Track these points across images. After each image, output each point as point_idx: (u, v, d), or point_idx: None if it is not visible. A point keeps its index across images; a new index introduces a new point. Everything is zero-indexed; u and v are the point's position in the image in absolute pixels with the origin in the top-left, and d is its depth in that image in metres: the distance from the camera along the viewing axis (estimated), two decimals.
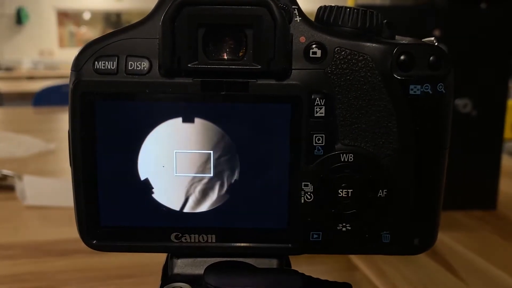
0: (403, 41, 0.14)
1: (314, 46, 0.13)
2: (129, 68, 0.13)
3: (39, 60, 5.91)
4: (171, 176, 0.14)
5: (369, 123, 0.13)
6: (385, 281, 0.33)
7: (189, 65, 0.13)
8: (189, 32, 0.13)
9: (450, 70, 0.14)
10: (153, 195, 0.15)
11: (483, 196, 0.46)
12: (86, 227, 0.16)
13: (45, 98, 1.48)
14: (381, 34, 0.14)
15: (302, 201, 0.14)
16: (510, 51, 0.44)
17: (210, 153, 0.14)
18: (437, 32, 0.42)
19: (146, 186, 0.15)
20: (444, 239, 0.39)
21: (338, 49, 0.13)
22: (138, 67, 0.13)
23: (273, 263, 0.15)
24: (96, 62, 0.13)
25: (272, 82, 0.13)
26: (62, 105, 1.32)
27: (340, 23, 0.14)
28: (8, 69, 5.09)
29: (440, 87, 0.13)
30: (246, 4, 0.13)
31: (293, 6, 0.14)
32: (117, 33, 0.14)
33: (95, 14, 6.82)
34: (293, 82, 0.13)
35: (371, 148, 0.13)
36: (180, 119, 0.14)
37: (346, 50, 0.13)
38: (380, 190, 0.14)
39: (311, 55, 0.13)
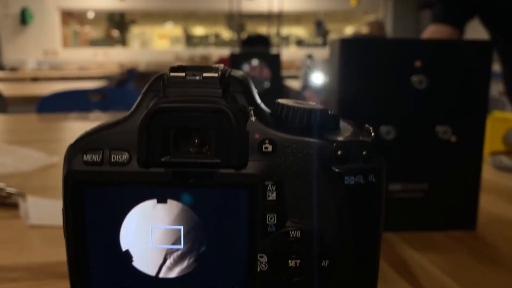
0: (341, 137, 0.16)
1: (266, 141, 0.16)
2: (112, 160, 0.16)
3: (44, 60, 5.96)
4: (147, 247, 0.17)
5: (313, 205, 0.16)
6: None
7: (162, 159, 0.16)
8: (161, 133, 0.16)
9: (381, 162, 0.17)
10: (133, 263, 0.17)
11: (462, 217, 0.48)
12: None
13: (49, 105, 1.51)
14: (326, 126, 0.16)
15: (258, 269, 0.16)
16: (489, 79, 0.46)
17: (181, 228, 0.16)
18: (418, 63, 0.44)
19: (127, 256, 0.17)
20: (421, 261, 0.41)
21: (286, 144, 0.16)
22: (120, 159, 0.16)
23: None
24: (84, 155, 0.16)
25: (231, 172, 0.16)
26: (65, 112, 1.35)
27: (289, 119, 0.16)
28: (13, 69, 5.15)
29: (371, 177, 0.16)
30: (208, 112, 0.15)
31: (250, 107, 0.16)
32: (102, 129, 0.17)
33: (99, 14, 6.87)
34: (249, 172, 0.16)
35: (315, 226, 0.16)
36: (155, 201, 0.16)
37: (293, 145, 0.16)
38: (324, 261, 0.16)
39: (263, 150, 0.16)
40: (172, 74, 0.16)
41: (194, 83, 0.16)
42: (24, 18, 5.94)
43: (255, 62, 1.31)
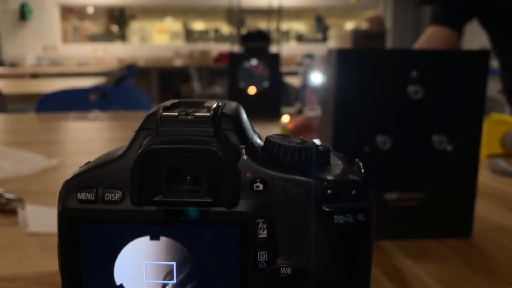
0: (331, 176, 0.16)
1: (257, 180, 0.16)
2: (106, 198, 0.16)
3: (43, 55, 5.95)
4: (141, 282, 0.17)
5: (304, 242, 0.16)
6: None
7: (154, 199, 0.16)
8: (154, 173, 0.16)
9: (370, 201, 0.17)
10: None
11: (458, 225, 0.48)
12: None
13: (48, 104, 1.51)
14: (317, 162, 0.17)
15: None
16: (485, 89, 0.46)
17: (173, 264, 0.17)
18: (414, 73, 0.45)
19: None
20: (416, 270, 0.42)
21: (277, 182, 0.16)
22: (113, 197, 0.16)
23: None
24: (79, 193, 0.16)
25: (223, 210, 0.16)
26: (64, 112, 1.35)
27: (280, 157, 0.17)
28: (12, 65, 5.14)
29: (360, 216, 0.16)
30: (200, 153, 0.16)
31: (241, 146, 0.17)
32: (96, 167, 0.17)
33: (98, 9, 6.85)
34: (241, 210, 0.16)
35: (306, 262, 0.16)
36: (148, 237, 0.17)
37: (284, 183, 0.16)
38: None
39: (255, 188, 0.16)
40: (164, 113, 0.17)
41: (187, 122, 0.16)
42: (23, 13, 5.93)
43: (254, 61, 1.31)
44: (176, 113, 0.17)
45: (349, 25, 7.14)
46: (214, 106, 0.17)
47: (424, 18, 5.29)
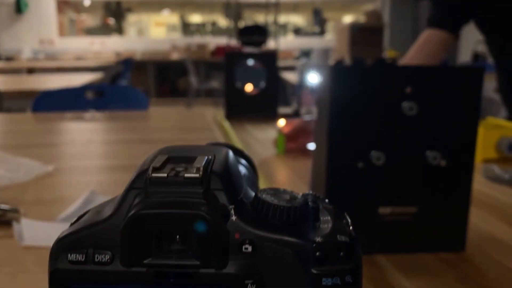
0: (319, 237, 0.17)
1: (246, 242, 0.16)
2: (96, 259, 0.16)
3: (39, 49, 5.92)
4: None
5: None
6: None
7: (144, 261, 0.16)
8: (143, 237, 0.16)
9: (358, 262, 0.17)
10: None
11: (452, 239, 0.48)
12: None
13: (45, 103, 1.51)
14: (307, 219, 0.17)
15: None
16: (479, 105, 0.46)
17: None
18: (408, 90, 0.45)
19: None
20: (408, 286, 0.42)
21: (266, 244, 0.16)
22: (103, 258, 0.16)
23: None
24: (69, 254, 0.17)
25: (212, 272, 0.16)
26: (61, 111, 1.35)
27: (270, 216, 0.17)
28: (8, 59, 5.11)
29: (348, 278, 0.16)
30: (188, 217, 0.16)
31: (230, 206, 0.17)
32: (87, 227, 0.17)
33: (95, 1, 6.81)
34: (230, 272, 0.16)
35: None
36: None
37: (272, 245, 0.16)
38: None
39: (243, 250, 0.16)
40: (154, 174, 0.17)
41: (176, 183, 0.17)
42: (19, 6, 5.89)
43: (250, 61, 1.31)
44: (165, 174, 0.17)
45: (347, 19, 7.12)
46: (204, 163, 0.17)
47: (421, 12, 5.27)
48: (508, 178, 0.72)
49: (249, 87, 1.32)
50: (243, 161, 0.28)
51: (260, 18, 6.97)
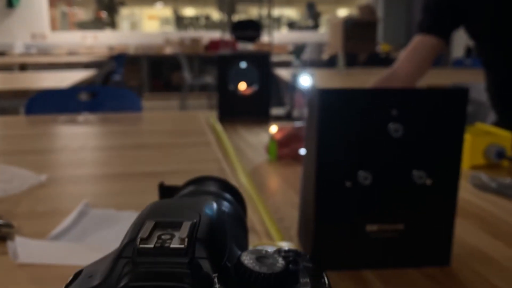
0: None
1: None
2: None
3: (32, 43, 5.88)
4: None
5: None
6: None
7: None
8: None
9: None
10: None
11: (437, 255, 0.50)
12: None
13: (38, 104, 1.51)
14: (286, 284, 0.18)
15: None
16: (464, 125, 0.47)
17: None
18: (394, 112, 0.46)
19: None
20: None
21: None
22: None
23: None
24: None
25: None
26: (54, 113, 1.35)
27: (252, 281, 0.18)
28: (0, 54, 5.07)
29: None
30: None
31: (214, 274, 0.18)
32: None
33: None
34: None
35: None
36: None
37: None
38: None
39: None
40: (141, 245, 0.18)
41: (162, 254, 0.17)
42: (10, 0, 5.83)
43: (243, 64, 1.31)
44: (152, 245, 0.18)
45: (341, 12, 7.11)
46: (188, 231, 0.18)
47: (415, 7, 5.28)
48: (495, 186, 0.73)
49: (242, 86, 1.33)
50: (228, 196, 0.29)
51: (254, 11, 6.95)
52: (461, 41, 4.27)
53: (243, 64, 1.30)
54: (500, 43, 0.98)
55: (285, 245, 0.48)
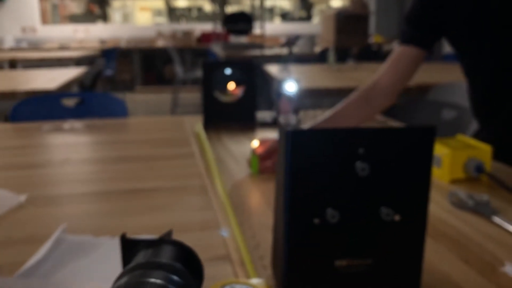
0: None
1: None
2: None
3: (22, 37, 5.83)
4: None
5: None
6: None
7: None
8: None
9: None
10: None
11: (406, 286, 0.50)
12: None
13: (23, 111, 1.50)
14: None
15: None
16: (430, 163, 0.47)
17: None
18: (361, 150, 0.46)
19: None
20: None
21: None
22: None
23: None
24: None
25: None
26: (39, 120, 1.35)
27: None
28: None
29: None
30: None
31: None
32: None
33: None
34: None
35: None
36: None
37: None
38: None
39: None
40: None
41: None
42: None
43: (228, 71, 1.31)
44: None
45: (334, 3, 7.08)
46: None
47: (407, 1, 5.26)
48: (471, 204, 0.74)
49: (231, 86, 1.32)
50: (181, 268, 0.29)
51: (246, 2, 6.91)
52: None
53: (228, 71, 1.30)
54: (480, 54, 0.98)
55: (255, 282, 0.48)
